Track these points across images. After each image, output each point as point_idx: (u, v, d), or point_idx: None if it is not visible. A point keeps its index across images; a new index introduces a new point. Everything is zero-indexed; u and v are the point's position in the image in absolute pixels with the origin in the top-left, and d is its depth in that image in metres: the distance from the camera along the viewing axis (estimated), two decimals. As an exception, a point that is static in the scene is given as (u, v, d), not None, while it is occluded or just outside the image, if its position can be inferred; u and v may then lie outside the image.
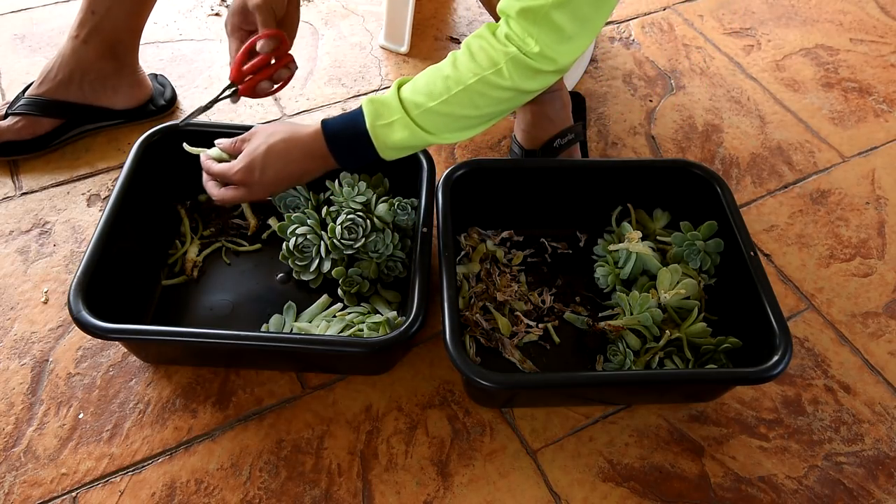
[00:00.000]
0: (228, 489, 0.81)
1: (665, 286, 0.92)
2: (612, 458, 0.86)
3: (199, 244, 1.00)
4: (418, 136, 0.78)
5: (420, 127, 0.77)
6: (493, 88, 0.75)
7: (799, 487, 0.85)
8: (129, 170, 0.92)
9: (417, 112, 0.77)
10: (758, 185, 1.18)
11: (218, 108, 1.23)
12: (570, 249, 1.03)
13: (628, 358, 0.88)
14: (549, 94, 1.08)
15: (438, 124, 0.78)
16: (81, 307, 0.78)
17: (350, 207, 0.95)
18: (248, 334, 0.79)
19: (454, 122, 0.78)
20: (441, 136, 0.79)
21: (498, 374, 0.79)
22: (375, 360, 0.89)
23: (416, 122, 0.77)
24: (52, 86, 1.09)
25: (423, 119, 0.77)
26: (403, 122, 0.77)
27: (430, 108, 0.76)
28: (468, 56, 0.76)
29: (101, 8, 1.05)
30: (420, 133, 0.77)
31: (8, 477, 0.81)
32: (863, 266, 1.08)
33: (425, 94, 0.77)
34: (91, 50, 1.07)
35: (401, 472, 0.83)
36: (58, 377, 0.89)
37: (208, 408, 0.87)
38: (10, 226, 1.04)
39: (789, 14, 1.53)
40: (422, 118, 0.77)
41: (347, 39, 1.39)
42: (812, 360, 0.97)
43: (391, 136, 0.78)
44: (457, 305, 0.81)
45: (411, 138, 0.78)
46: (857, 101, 1.34)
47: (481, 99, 0.77)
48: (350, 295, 0.94)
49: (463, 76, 0.75)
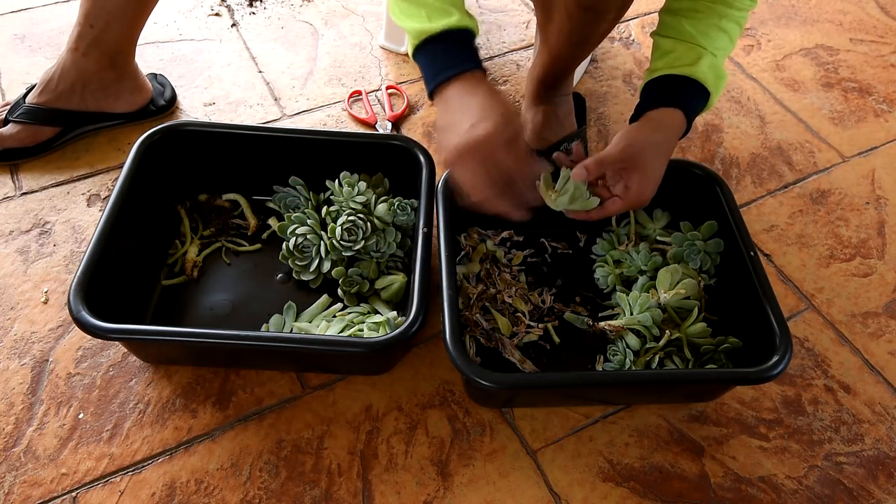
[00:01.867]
0: (228, 489, 0.81)
1: (665, 286, 0.92)
2: (612, 458, 0.86)
3: (199, 244, 1.00)
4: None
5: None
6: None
7: (799, 487, 0.85)
8: (129, 170, 0.92)
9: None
10: (758, 185, 1.18)
11: (218, 109, 1.23)
12: (570, 249, 1.03)
13: (628, 358, 0.88)
14: (561, 97, 1.09)
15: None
16: (81, 307, 0.78)
17: (350, 208, 0.96)
18: (248, 334, 0.79)
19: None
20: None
21: (498, 374, 0.79)
22: (375, 360, 0.89)
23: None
24: (53, 96, 1.09)
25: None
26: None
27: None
28: None
29: (100, 21, 1.05)
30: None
31: (8, 477, 0.81)
32: (863, 266, 1.08)
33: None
34: (91, 62, 1.08)
35: (401, 472, 0.83)
36: (58, 377, 0.89)
37: (208, 408, 0.87)
38: (10, 226, 1.04)
39: (789, 14, 1.53)
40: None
41: (347, 39, 1.39)
42: (812, 360, 0.97)
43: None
44: (457, 305, 0.81)
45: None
46: (857, 101, 1.34)
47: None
48: (350, 295, 0.94)
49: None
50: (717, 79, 0.86)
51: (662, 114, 0.84)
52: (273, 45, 1.36)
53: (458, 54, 0.81)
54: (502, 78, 1.33)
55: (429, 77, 0.82)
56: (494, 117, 0.76)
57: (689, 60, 0.84)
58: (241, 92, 1.27)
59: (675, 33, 0.86)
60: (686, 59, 0.84)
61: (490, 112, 0.76)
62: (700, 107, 0.86)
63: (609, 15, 0.89)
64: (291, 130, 1.01)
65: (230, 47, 1.35)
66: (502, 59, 1.37)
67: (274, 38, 1.38)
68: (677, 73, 0.84)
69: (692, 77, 0.84)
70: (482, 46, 1.39)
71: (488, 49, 1.39)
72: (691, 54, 0.84)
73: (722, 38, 0.86)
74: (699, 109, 0.86)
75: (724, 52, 0.86)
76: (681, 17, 0.86)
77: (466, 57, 0.81)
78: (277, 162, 1.01)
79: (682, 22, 0.86)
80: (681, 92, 0.85)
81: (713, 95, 0.86)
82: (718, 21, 0.85)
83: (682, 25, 0.86)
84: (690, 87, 0.84)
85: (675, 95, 0.85)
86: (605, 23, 0.91)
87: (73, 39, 1.06)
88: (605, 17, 0.89)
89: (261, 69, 1.31)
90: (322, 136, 1.01)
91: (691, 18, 0.85)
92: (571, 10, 0.87)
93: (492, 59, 1.37)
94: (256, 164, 1.02)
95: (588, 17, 0.88)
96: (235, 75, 1.30)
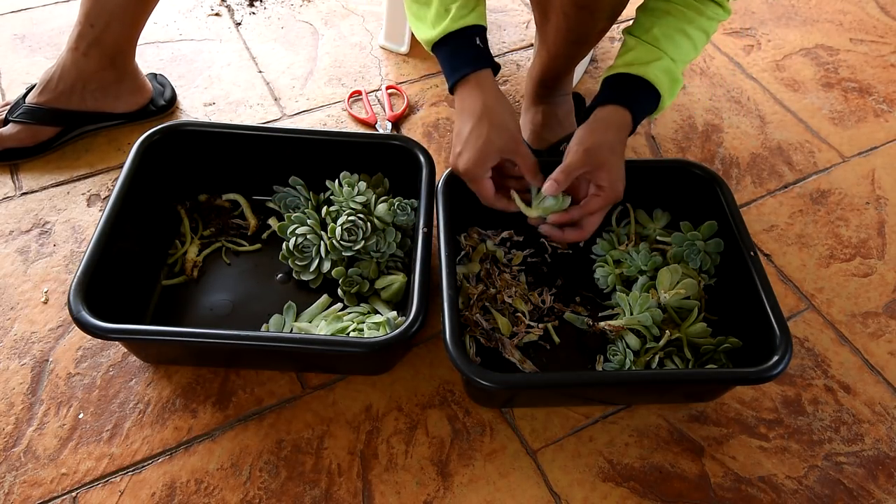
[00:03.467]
0: (228, 489, 0.81)
1: (665, 286, 0.92)
2: (612, 458, 0.86)
3: (199, 244, 1.00)
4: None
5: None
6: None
7: (799, 487, 0.85)
8: (129, 170, 0.92)
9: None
10: (758, 185, 1.18)
11: (218, 109, 1.23)
12: (569, 249, 1.03)
13: (628, 358, 0.88)
14: (561, 97, 1.09)
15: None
16: (81, 307, 0.78)
17: (350, 208, 0.96)
18: (248, 334, 0.79)
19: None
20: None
21: (498, 374, 0.79)
22: (375, 360, 0.89)
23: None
24: (53, 96, 1.09)
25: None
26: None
27: None
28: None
29: (100, 21, 1.05)
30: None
31: (8, 477, 0.81)
32: (863, 266, 1.08)
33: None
34: (91, 62, 1.08)
35: (401, 472, 0.83)
36: (58, 377, 0.89)
37: (208, 408, 0.87)
38: (10, 226, 1.04)
39: (789, 14, 1.53)
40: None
41: (347, 39, 1.39)
42: (812, 360, 0.97)
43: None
44: (457, 305, 0.81)
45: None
46: (857, 101, 1.34)
47: None
48: (350, 295, 0.94)
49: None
50: (672, 82, 0.86)
51: (610, 111, 0.85)
52: (273, 45, 1.36)
53: (466, 54, 0.84)
54: (502, 78, 1.33)
55: (446, 75, 0.87)
56: (476, 148, 0.83)
57: (646, 61, 0.85)
58: (241, 92, 1.27)
59: (640, 32, 0.87)
60: (643, 59, 0.85)
61: (476, 138, 0.83)
62: (650, 109, 0.86)
63: (604, 13, 0.89)
64: (291, 130, 1.01)
65: (230, 47, 1.35)
66: (502, 59, 1.37)
67: (274, 38, 1.38)
68: (632, 72, 0.85)
69: (644, 77, 0.84)
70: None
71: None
72: (649, 56, 0.85)
73: (685, 43, 0.86)
74: (648, 111, 0.87)
75: (684, 59, 0.87)
76: (652, 17, 0.87)
77: (472, 57, 0.84)
78: (277, 162, 1.01)
79: (651, 22, 0.86)
80: (630, 91, 0.85)
81: (665, 99, 0.86)
82: (686, 26, 0.85)
83: (649, 25, 0.86)
84: (642, 88, 0.85)
85: (624, 94, 0.85)
86: (601, 21, 0.91)
87: (73, 39, 1.06)
88: (600, 15, 0.89)
89: (261, 69, 1.31)
90: (322, 136, 1.01)
91: (660, 20, 0.86)
92: (567, 9, 0.87)
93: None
94: (256, 164, 1.02)
95: (583, 16, 0.88)
96: (235, 75, 1.30)
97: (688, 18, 0.86)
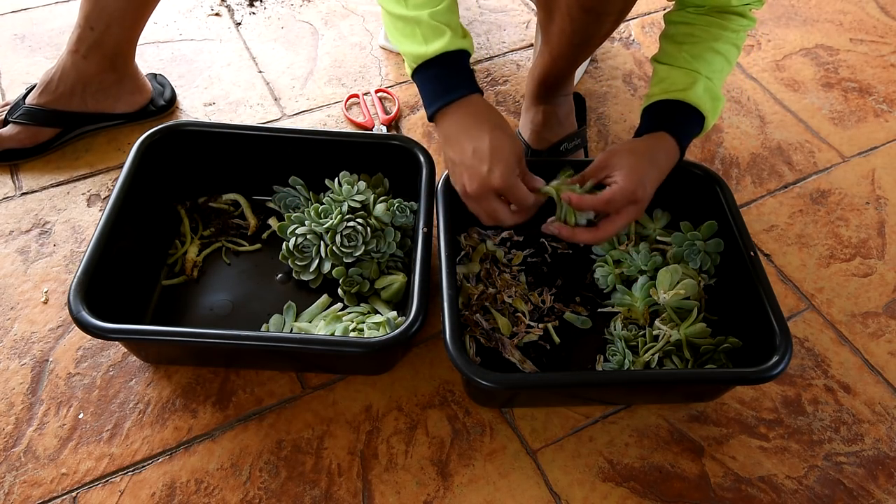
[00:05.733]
0: (228, 489, 0.81)
1: (665, 286, 0.92)
2: (612, 458, 0.86)
3: (199, 244, 1.00)
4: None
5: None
6: None
7: (799, 487, 0.85)
8: (129, 170, 0.92)
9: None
10: (758, 185, 1.18)
11: (218, 109, 1.23)
12: (569, 249, 1.03)
13: (627, 358, 0.88)
14: (561, 97, 1.09)
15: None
16: (81, 307, 0.78)
17: (350, 206, 0.96)
18: (248, 334, 0.79)
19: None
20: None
21: (498, 374, 0.79)
22: (375, 360, 0.89)
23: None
24: (54, 97, 1.09)
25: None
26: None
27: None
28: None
29: (100, 24, 1.05)
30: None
31: (8, 477, 0.81)
32: (863, 266, 1.08)
33: None
34: (91, 64, 1.08)
35: (401, 472, 0.83)
36: (58, 377, 0.89)
37: (208, 408, 0.87)
38: (10, 226, 1.04)
39: (789, 14, 1.53)
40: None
41: (347, 39, 1.39)
42: (812, 360, 0.97)
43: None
44: (457, 305, 0.81)
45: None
46: (857, 101, 1.34)
47: None
48: (350, 295, 0.94)
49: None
50: (714, 101, 0.86)
51: (656, 140, 0.84)
52: (273, 45, 1.36)
53: (452, 79, 0.82)
54: (502, 78, 1.33)
55: (427, 102, 0.84)
56: (478, 171, 0.79)
57: (684, 85, 0.85)
58: (241, 92, 1.27)
59: (670, 59, 0.87)
60: (680, 83, 0.85)
61: (478, 160, 0.79)
62: (695, 131, 0.86)
63: (610, 17, 0.89)
64: (291, 130, 1.01)
65: (230, 47, 1.35)
66: (502, 59, 1.37)
67: (274, 38, 1.38)
68: (672, 97, 0.85)
69: (685, 101, 0.84)
70: (482, 46, 1.39)
71: (488, 49, 1.39)
72: (686, 79, 0.85)
73: (717, 60, 0.86)
74: (694, 133, 0.87)
75: (720, 75, 0.87)
76: (678, 44, 0.87)
77: (458, 82, 0.82)
78: (277, 162, 1.01)
79: (679, 48, 0.87)
80: (672, 116, 0.85)
81: (709, 118, 0.86)
82: (714, 44, 0.86)
83: (678, 51, 0.87)
84: (683, 112, 0.85)
85: (665, 120, 0.85)
86: (607, 24, 0.91)
87: (73, 42, 1.06)
88: (606, 18, 0.89)
89: (261, 69, 1.31)
90: (322, 136, 1.01)
91: (687, 43, 0.86)
92: (573, 11, 0.87)
93: (492, 59, 1.37)
94: (256, 164, 1.02)
95: (589, 19, 0.88)
96: (235, 75, 1.30)
97: (714, 36, 0.86)
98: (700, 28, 0.86)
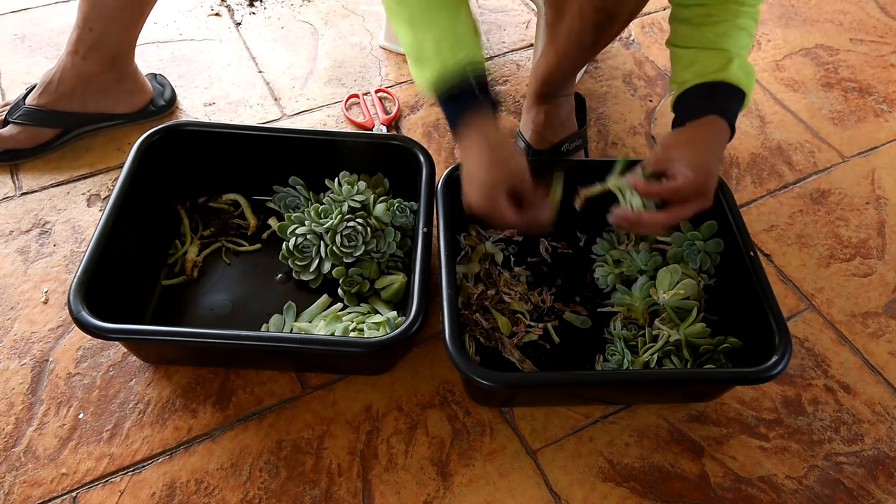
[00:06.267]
0: (228, 489, 0.81)
1: (665, 286, 0.92)
2: (612, 458, 0.86)
3: (199, 244, 1.00)
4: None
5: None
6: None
7: (799, 487, 0.85)
8: (129, 170, 0.92)
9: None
10: (758, 185, 1.18)
11: (218, 109, 1.23)
12: (569, 249, 1.03)
13: (626, 358, 0.88)
14: (563, 97, 1.08)
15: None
16: (81, 307, 0.78)
17: (350, 206, 0.96)
18: (248, 334, 0.79)
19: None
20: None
21: (498, 374, 0.79)
22: (375, 360, 0.89)
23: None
24: (54, 98, 1.09)
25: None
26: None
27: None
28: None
29: (99, 25, 1.05)
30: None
31: (8, 477, 0.81)
32: (863, 266, 1.08)
33: None
34: (91, 65, 1.08)
35: (401, 472, 0.83)
36: (58, 377, 0.89)
37: (208, 408, 0.87)
38: (10, 226, 1.04)
39: (789, 14, 1.53)
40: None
41: (347, 39, 1.39)
42: (812, 360, 0.97)
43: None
44: (457, 305, 0.81)
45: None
46: (857, 101, 1.34)
47: None
48: (350, 295, 0.94)
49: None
50: (748, 76, 0.85)
51: (701, 121, 0.83)
52: (273, 45, 1.36)
53: (468, 96, 0.79)
54: (502, 78, 1.33)
55: (449, 120, 0.82)
56: (483, 191, 0.78)
57: (718, 66, 0.84)
58: (241, 92, 1.27)
59: (694, 42, 0.86)
60: (714, 65, 0.84)
61: (483, 178, 0.78)
62: (738, 108, 0.86)
63: (622, 17, 0.88)
64: (291, 130, 1.01)
65: (230, 47, 1.35)
66: (502, 59, 1.37)
67: (274, 38, 1.38)
68: (709, 80, 0.84)
69: (726, 81, 0.83)
70: (482, 47, 1.38)
71: (488, 49, 1.39)
72: (719, 59, 0.84)
73: (742, 36, 0.85)
74: (738, 111, 0.86)
75: (745, 50, 0.86)
76: (697, 26, 0.86)
77: (474, 99, 0.79)
78: (277, 162, 1.01)
79: (700, 29, 0.86)
80: (715, 98, 0.84)
81: (748, 93, 0.86)
82: (735, 20, 0.85)
83: (700, 33, 0.85)
84: (725, 92, 0.84)
85: (711, 102, 0.84)
86: (616, 25, 0.90)
87: (72, 42, 1.06)
88: (618, 18, 0.88)
89: (261, 69, 1.31)
90: (322, 136, 1.01)
91: (707, 24, 0.85)
92: (585, 10, 0.87)
93: (492, 59, 1.37)
94: (256, 164, 1.02)
95: (601, 18, 0.88)
96: (235, 75, 1.30)
97: (734, 13, 0.85)
98: (717, 7, 0.85)
